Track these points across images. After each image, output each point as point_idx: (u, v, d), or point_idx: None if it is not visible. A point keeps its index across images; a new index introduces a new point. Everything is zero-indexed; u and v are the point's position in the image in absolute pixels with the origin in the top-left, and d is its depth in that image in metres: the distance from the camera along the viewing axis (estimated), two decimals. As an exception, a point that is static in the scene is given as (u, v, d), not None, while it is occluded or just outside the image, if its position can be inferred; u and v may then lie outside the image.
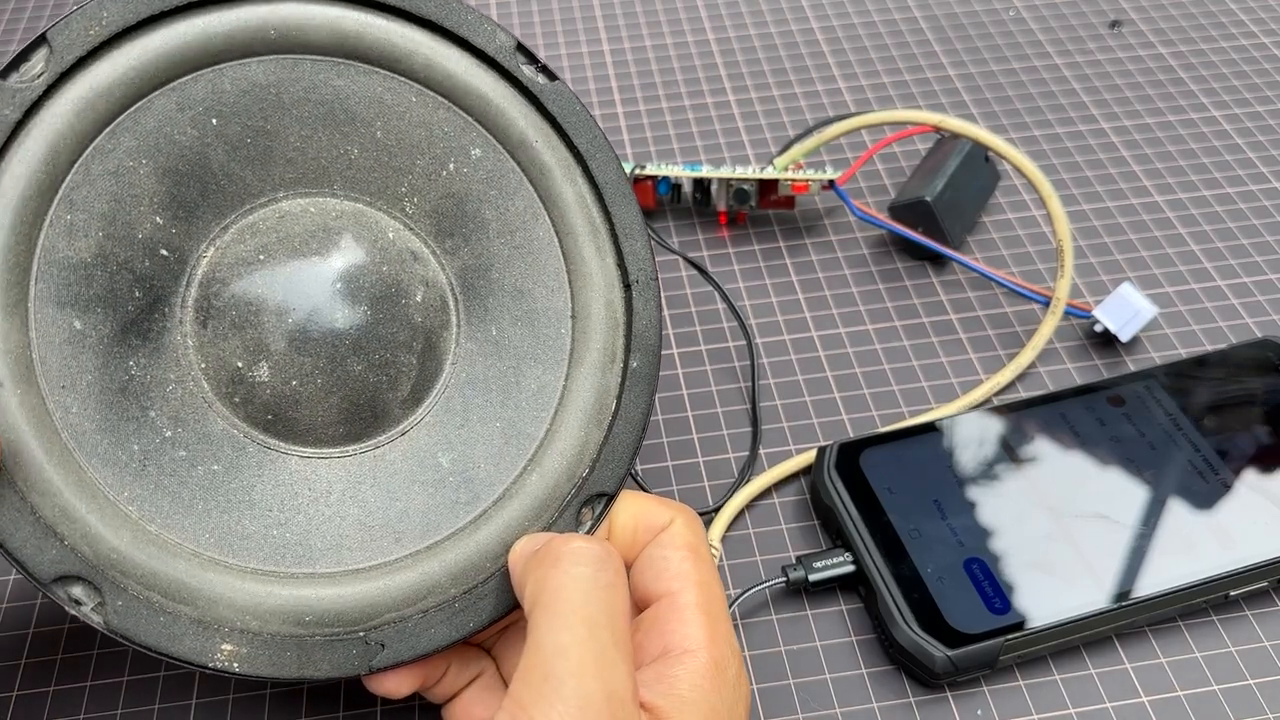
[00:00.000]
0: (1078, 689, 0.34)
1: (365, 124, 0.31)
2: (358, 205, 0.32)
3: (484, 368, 0.32)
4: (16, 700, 0.35)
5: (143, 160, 0.29)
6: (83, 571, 0.27)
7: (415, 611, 0.29)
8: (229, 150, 0.30)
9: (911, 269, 0.47)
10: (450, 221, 0.32)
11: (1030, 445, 0.38)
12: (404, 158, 0.32)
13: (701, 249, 0.49)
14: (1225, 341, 0.44)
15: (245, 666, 0.28)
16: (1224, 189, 0.50)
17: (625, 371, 0.32)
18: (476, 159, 0.32)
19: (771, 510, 0.39)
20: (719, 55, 0.60)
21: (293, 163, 0.31)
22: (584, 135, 0.32)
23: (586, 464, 0.31)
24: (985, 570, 0.35)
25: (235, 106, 0.30)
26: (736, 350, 0.44)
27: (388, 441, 0.31)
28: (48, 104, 0.28)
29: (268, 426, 0.30)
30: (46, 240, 0.28)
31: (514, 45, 0.32)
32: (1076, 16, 0.61)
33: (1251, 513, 0.36)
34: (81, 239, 0.28)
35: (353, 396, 0.30)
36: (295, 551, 0.29)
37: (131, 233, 0.29)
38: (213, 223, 0.30)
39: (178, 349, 0.30)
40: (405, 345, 0.31)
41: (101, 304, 0.28)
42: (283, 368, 0.30)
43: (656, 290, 0.32)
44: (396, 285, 0.31)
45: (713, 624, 0.28)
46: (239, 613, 0.28)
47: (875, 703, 0.34)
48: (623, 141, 0.54)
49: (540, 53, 0.60)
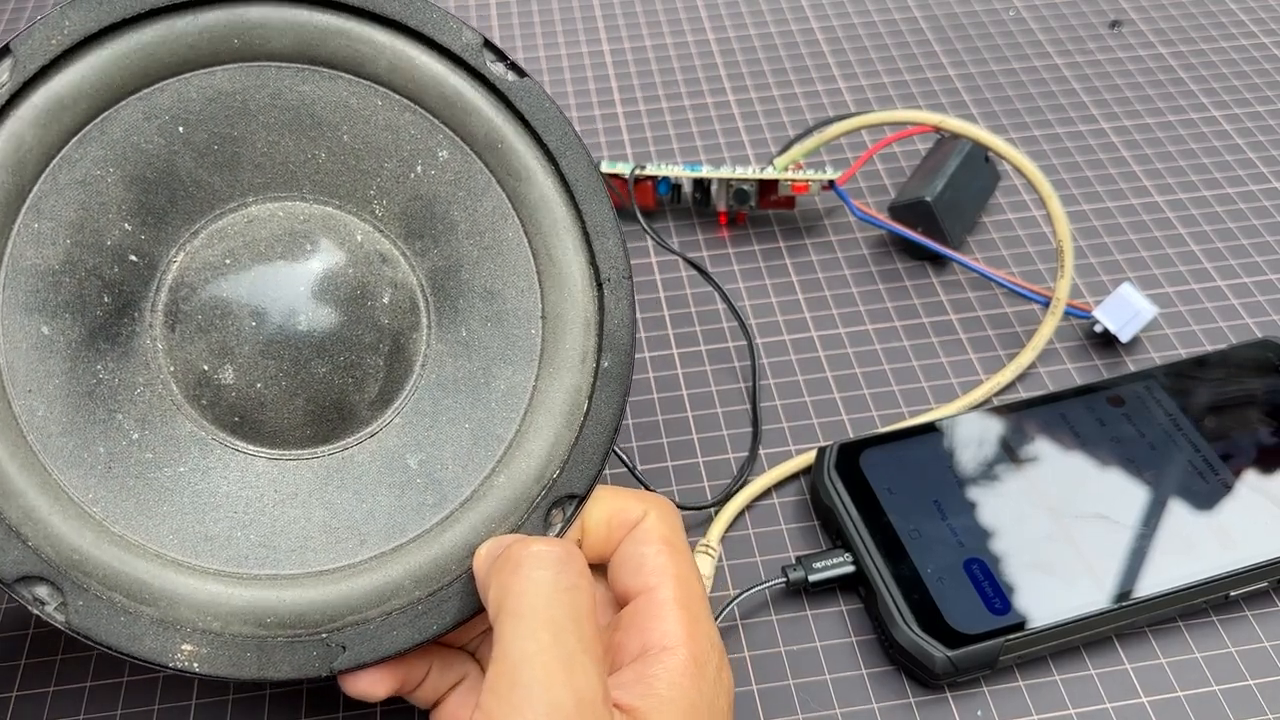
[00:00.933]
0: (1078, 689, 0.34)
1: (332, 128, 0.31)
2: (326, 208, 0.32)
3: (454, 369, 0.32)
4: (16, 700, 0.35)
5: (110, 169, 0.29)
6: (45, 572, 0.27)
7: (378, 614, 0.29)
8: (196, 157, 0.30)
9: (911, 269, 0.47)
10: (419, 223, 0.32)
11: (1030, 445, 0.38)
12: (371, 160, 0.32)
13: (701, 249, 0.49)
14: (1225, 342, 0.44)
15: (205, 667, 0.28)
16: (1224, 189, 0.50)
17: (597, 372, 0.31)
18: (444, 160, 0.32)
19: (771, 510, 0.39)
20: (719, 55, 0.60)
21: (260, 168, 0.31)
22: (554, 132, 0.32)
23: (556, 465, 0.31)
24: (985, 571, 0.35)
25: (201, 114, 0.30)
26: (736, 350, 0.44)
27: (356, 443, 0.31)
28: (11, 113, 0.28)
29: (235, 429, 0.30)
30: (14, 248, 0.28)
31: (481, 42, 0.31)
32: (1076, 16, 0.61)
33: (1251, 513, 0.36)
34: (49, 246, 0.28)
35: (318, 399, 0.31)
36: (259, 553, 0.29)
37: (100, 240, 0.29)
38: (182, 228, 0.30)
39: (147, 352, 0.30)
40: (371, 347, 0.31)
41: (69, 310, 0.29)
42: (247, 370, 0.30)
43: (629, 289, 0.32)
44: (363, 288, 0.31)
45: (691, 619, 0.28)
46: (200, 613, 0.28)
47: (875, 703, 0.34)
48: (623, 141, 0.54)
49: (540, 53, 0.60)
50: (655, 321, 0.46)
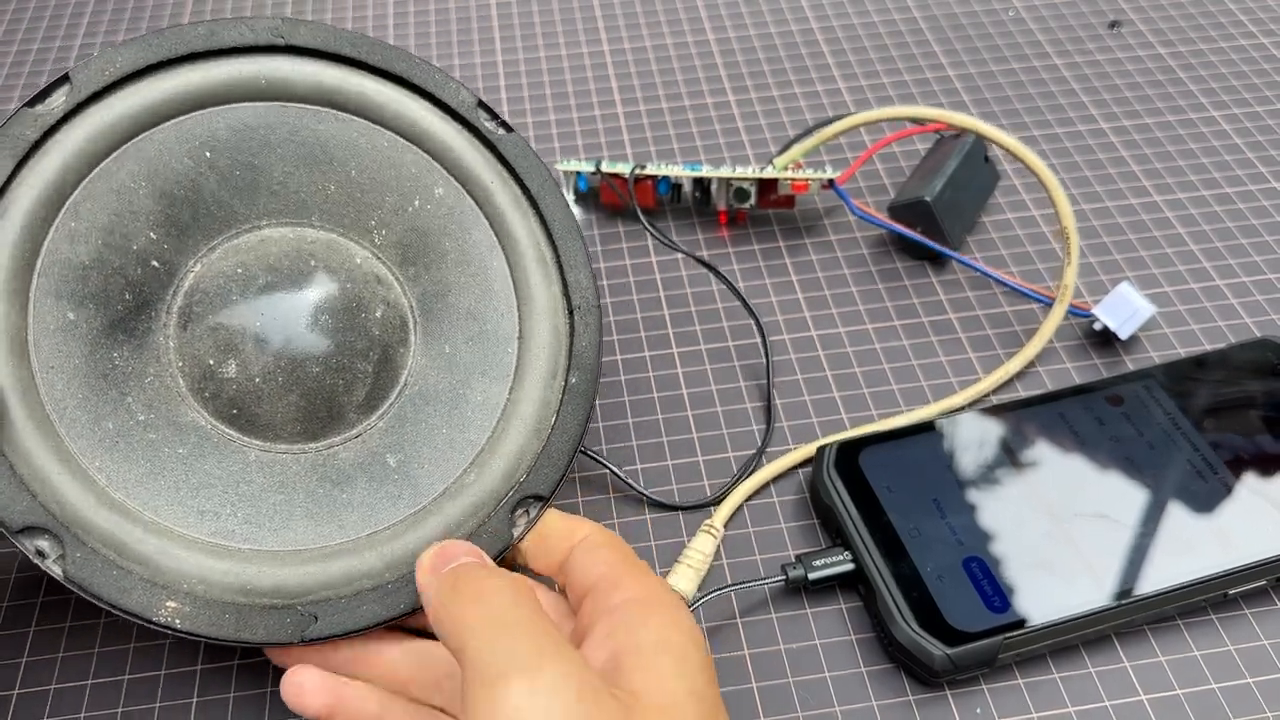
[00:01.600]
0: (1077, 688, 0.34)
1: (341, 164, 0.35)
2: (332, 235, 0.35)
3: (436, 381, 0.35)
4: (18, 700, 0.35)
5: (142, 182, 0.33)
6: (48, 524, 0.29)
7: (350, 591, 0.32)
8: (220, 180, 0.34)
9: (911, 269, 0.47)
10: (414, 252, 0.36)
11: (1029, 445, 0.38)
12: (375, 194, 0.35)
13: (702, 248, 0.49)
14: (1224, 341, 0.44)
15: (186, 624, 0.30)
16: (1223, 189, 0.51)
17: (565, 388, 0.35)
18: (439, 197, 0.36)
19: (771, 509, 0.39)
20: (719, 55, 0.60)
21: (276, 195, 0.35)
22: (535, 179, 0.36)
23: (524, 469, 0.34)
24: (984, 569, 0.35)
25: (227, 143, 0.34)
26: (737, 350, 0.44)
27: (341, 443, 0.34)
28: (64, 129, 0.32)
29: (232, 420, 0.33)
30: (51, 242, 0.31)
31: (475, 102, 0.36)
32: (1076, 17, 0.61)
33: (1250, 512, 0.36)
34: (82, 244, 0.32)
35: (310, 396, 0.34)
36: (244, 530, 0.32)
37: (128, 244, 0.33)
38: (201, 242, 0.34)
39: (159, 347, 0.33)
40: (362, 354, 0.34)
41: (94, 301, 0.32)
42: (248, 364, 0.33)
43: (598, 316, 0.36)
44: (359, 301, 0.34)
45: (642, 574, 0.30)
46: (185, 577, 0.30)
47: (874, 701, 0.34)
48: (623, 141, 0.55)
49: (541, 53, 0.60)
50: (655, 321, 0.46)
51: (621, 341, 0.45)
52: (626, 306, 0.46)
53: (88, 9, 0.65)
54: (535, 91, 0.58)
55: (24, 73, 0.60)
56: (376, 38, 0.39)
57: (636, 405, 0.43)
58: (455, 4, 0.64)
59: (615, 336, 0.45)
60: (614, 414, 0.42)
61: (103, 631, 0.36)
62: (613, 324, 0.46)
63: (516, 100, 0.57)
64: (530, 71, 0.59)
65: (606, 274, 0.48)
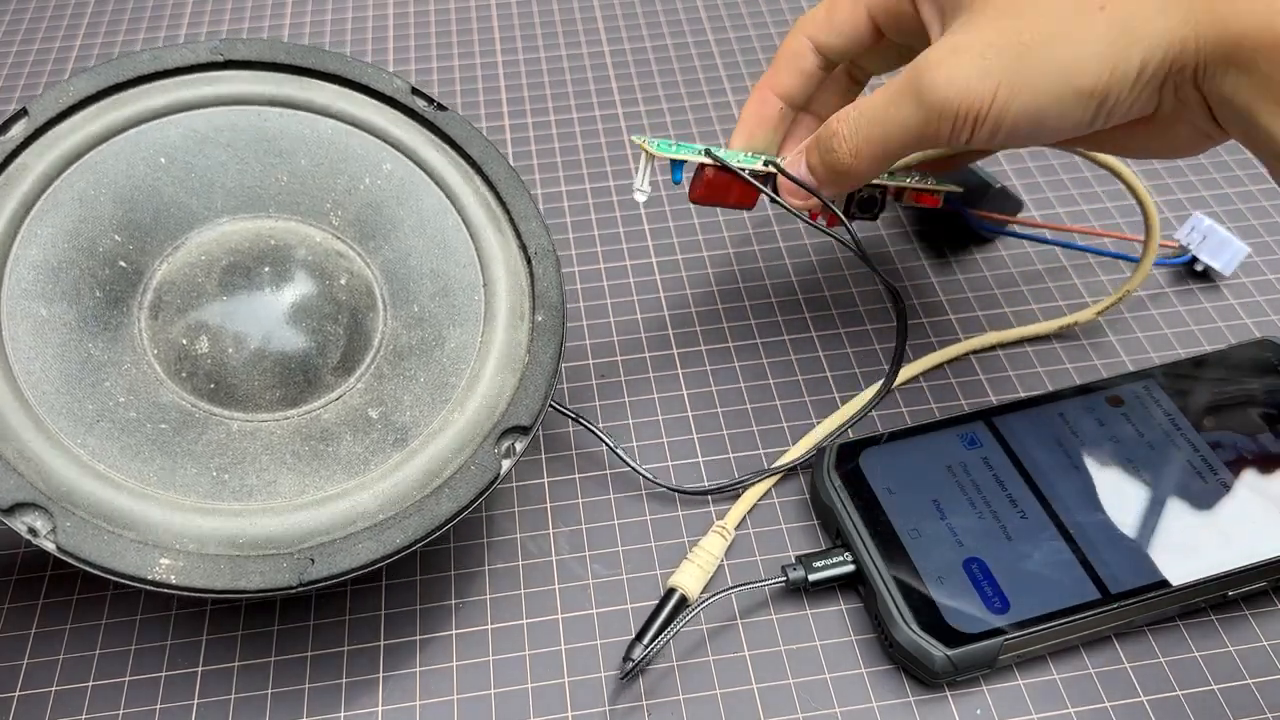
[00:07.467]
0: (1077, 688, 0.34)
1: (290, 155, 0.37)
2: (290, 222, 0.37)
3: (409, 338, 0.36)
4: (19, 700, 0.35)
5: (103, 190, 0.35)
6: (36, 499, 0.30)
7: (344, 534, 0.32)
8: (176, 183, 0.36)
9: (911, 269, 0.47)
10: (371, 226, 0.37)
11: (1030, 445, 0.38)
12: (326, 179, 0.37)
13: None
14: (1224, 341, 0.44)
15: (182, 578, 0.31)
16: (1222, 189, 0.51)
17: (533, 326, 0.36)
18: (389, 171, 0.38)
19: (771, 510, 0.39)
20: (719, 55, 0.60)
21: (231, 192, 0.37)
22: (476, 146, 0.38)
23: (504, 402, 0.35)
24: (984, 570, 0.35)
25: (180, 148, 0.36)
26: (737, 350, 0.45)
27: (322, 406, 0.35)
28: (25, 153, 0.34)
29: (211, 395, 0.34)
30: (19, 248, 0.33)
31: (409, 89, 0.39)
32: None
33: (1250, 513, 0.36)
34: (49, 248, 0.33)
35: (284, 361, 0.35)
36: (234, 489, 0.33)
37: (94, 246, 0.34)
38: (165, 242, 0.36)
39: (133, 338, 0.34)
40: (331, 317, 0.36)
41: (65, 299, 0.33)
42: (219, 338, 0.34)
43: (555, 260, 0.37)
44: (322, 270, 0.36)
45: None
46: (177, 537, 0.31)
47: (875, 702, 0.34)
48: (623, 141, 0.55)
49: (541, 53, 0.60)
50: (655, 320, 0.46)
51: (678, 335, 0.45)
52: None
53: (88, 9, 0.65)
54: (535, 91, 0.58)
55: (24, 73, 0.60)
56: (312, 45, 0.43)
57: (637, 405, 0.43)
58: (457, 5, 0.64)
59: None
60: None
61: (104, 633, 0.37)
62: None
63: (517, 100, 0.57)
64: (530, 72, 0.59)
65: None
